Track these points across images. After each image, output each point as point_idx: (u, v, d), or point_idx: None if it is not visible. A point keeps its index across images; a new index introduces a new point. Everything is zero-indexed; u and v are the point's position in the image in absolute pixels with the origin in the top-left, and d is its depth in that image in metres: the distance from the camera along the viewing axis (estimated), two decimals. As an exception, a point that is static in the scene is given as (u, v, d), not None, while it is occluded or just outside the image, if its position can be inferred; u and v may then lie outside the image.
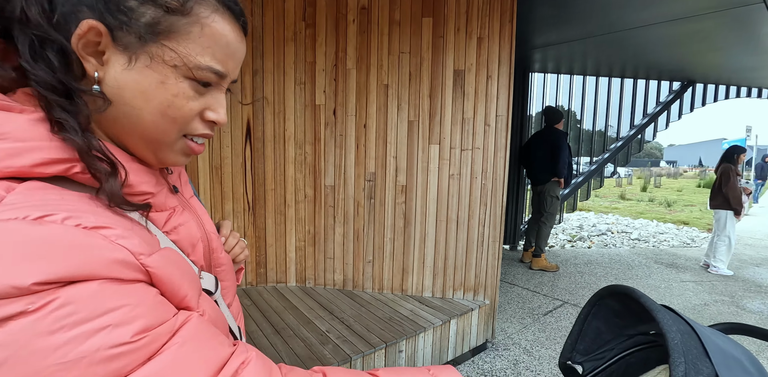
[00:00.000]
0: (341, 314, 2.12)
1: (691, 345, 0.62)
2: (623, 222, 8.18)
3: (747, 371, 0.64)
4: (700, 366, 0.60)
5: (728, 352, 0.65)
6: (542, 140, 4.16)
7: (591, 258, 4.96)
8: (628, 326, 0.95)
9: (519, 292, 3.53)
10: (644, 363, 0.94)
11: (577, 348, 0.96)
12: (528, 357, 2.41)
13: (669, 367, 0.60)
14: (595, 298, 0.91)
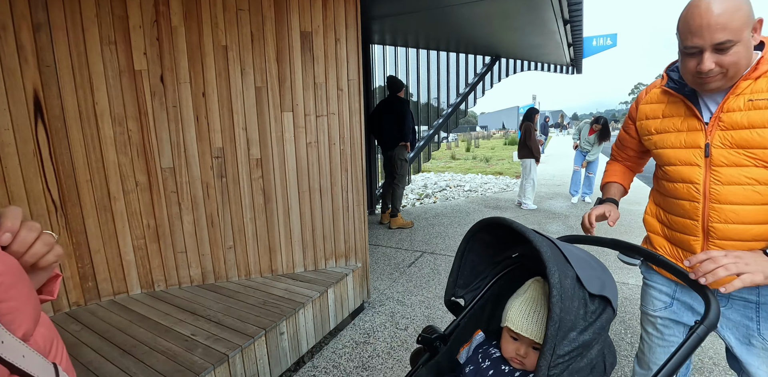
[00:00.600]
0: (206, 312, 1.89)
1: (557, 255, 0.74)
2: (457, 178, 9.48)
3: (593, 267, 0.81)
4: (566, 271, 0.73)
5: (580, 256, 0.80)
6: (388, 108, 4.39)
7: (437, 211, 5.63)
8: (497, 254, 1.07)
9: (384, 251, 3.78)
10: (512, 282, 1.08)
11: (458, 283, 1.05)
12: (402, 306, 2.63)
13: (547, 275, 0.71)
14: (469, 234, 0.99)
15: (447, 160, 15.07)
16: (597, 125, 5.89)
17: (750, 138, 0.98)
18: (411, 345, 2.15)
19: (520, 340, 0.90)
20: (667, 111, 1.15)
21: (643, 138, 1.22)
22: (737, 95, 1.00)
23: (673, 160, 1.13)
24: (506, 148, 19.85)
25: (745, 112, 0.99)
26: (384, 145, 4.53)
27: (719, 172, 1.04)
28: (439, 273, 3.23)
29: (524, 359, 0.89)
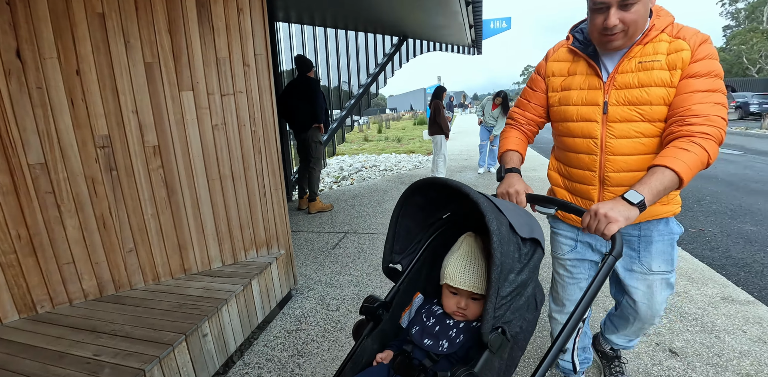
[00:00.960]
0: (110, 327, 1.64)
1: (491, 206, 0.81)
2: (372, 159, 9.59)
3: (521, 215, 0.90)
4: (501, 219, 0.80)
5: (509, 207, 0.89)
6: (298, 89, 4.19)
7: (355, 192, 5.65)
8: (430, 216, 1.11)
9: (306, 236, 3.70)
10: (445, 242, 1.13)
11: (394, 249, 1.06)
12: (331, 288, 2.62)
13: (486, 224, 0.76)
14: (402, 199, 1.01)
15: (360, 143, 15.14)
16: (498, 98, 6.37)
17: (639, 96, 1.11)
18: (345, 325, 2.16)
19: (459, 294, 0.96)
20: (572, 69, 1.25)
21: (550, 94, 1.32)
22: (630, 58, 1.13)
23: (575, 117, 1.24)
24: (416, 128, 20.57)
25: (635, 73, 1.12)
26: (296, 128, 4.36)
27: (613, 127, 1.17)
28: (364, 252, 3.27)
29: (465, 311, 0.96)
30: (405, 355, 0.97)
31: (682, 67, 1.07)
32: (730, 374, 1.77)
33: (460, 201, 1.00)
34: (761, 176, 6.82)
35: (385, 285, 2.65)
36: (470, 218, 1.08)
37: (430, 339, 0.95)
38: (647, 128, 1.14)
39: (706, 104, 1.03)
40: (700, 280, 2.73)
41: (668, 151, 1.03)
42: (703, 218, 4.57)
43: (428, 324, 0.99)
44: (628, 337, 1.57)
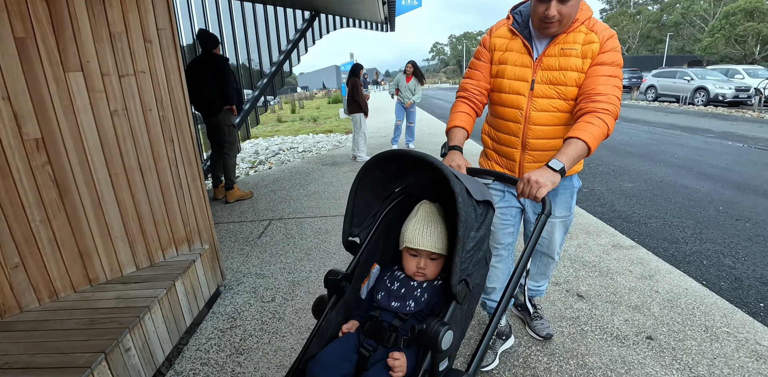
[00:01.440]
0: (1, 361, 1.37)
1: (452, 173, 0.89)
2: (288, 141, 9.23)
3: (473, 181, 1.00)
4: (461, 184, 0.89)
5: (462, 174, 1.00)
6: (203, 68, 3.79)
7: (275, 176, 5.43)
8: (386, 188, 1.17)
9: (227, 228, 3.48)
10: (399, 213, 1.20)
11: (353, 222, 1.11)
12: (262, 279, 2.52)
13: (451, 187, 0.85)
14: (361, 173, 1.06)
15: (274, 124, 14.44)
16: (409, 66, 6.39)
17: (558, 77, 1.35)
18: (284, 315, 2.11)
19: (419, 255, 1.07)
20: (510, 46, 1.44)
21: (493, 66, 1.49)
22: (555, 44, 1.35)
23: (508, 89, 1.44)
24: (331, 107, 20.16)
25: (557, 58, 1.35)
26: (205, 111, 3.98)
27: (536, 101, 1.40)
28: (293, 238, 3.18)
29: (425, 270, 1.06)
30: (374, 320, 1.04)
31: (591, 57, 1.32)
32: (623, 308, 2.10)
33: (416, 172, 1.09)
34: (633, 141, 7.99)
35: (319, 269, 2.62)
36: (424, 189, 1.17)
37: (397, 301, 1.04)
38: (561, 104, 1.39)
39: (607, 86, 1.29)
40: (594, 232, 3.15)
41: (579, 125, 1.26)
42: (593, 179, 5.25)
43: (393, 289, 1.07)
44: (536, 281, 1.84)
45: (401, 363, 0.92)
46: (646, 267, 2.56)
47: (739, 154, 6.65)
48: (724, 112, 12.55)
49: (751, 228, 3.48)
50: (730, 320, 1.97)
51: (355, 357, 0.99)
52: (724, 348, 1.76)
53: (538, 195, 1.11)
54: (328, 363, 0.96)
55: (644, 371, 1.63)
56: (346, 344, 1.01)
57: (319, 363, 0.96)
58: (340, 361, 0.97)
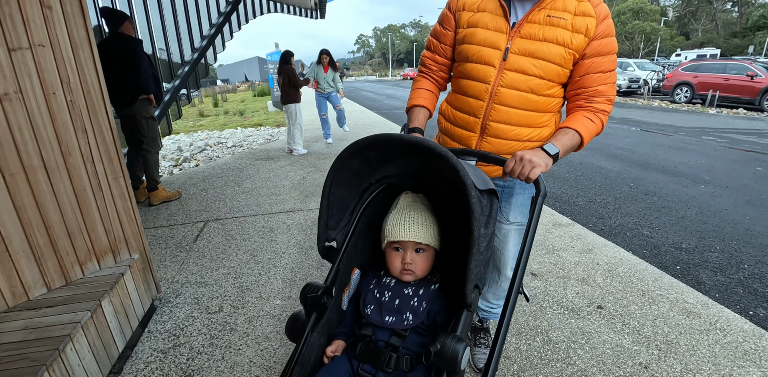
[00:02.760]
0: None
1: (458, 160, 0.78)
2: (215, 136, 8.57)
3: (471, 167, 0.90)
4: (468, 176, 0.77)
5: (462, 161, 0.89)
6: (111, 51, 3.28)
7: (205, 174, 4.99)
8: (364, 180, 1.02)
9: (155, 233, 3.11)
10: (380, 208, 1.06)
11: (329, 224, 0.96)
12: (205, 287, 2.26)
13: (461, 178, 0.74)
14: (337, 164, 0.91)
15: (196, 118, 13.37)
16: (325, 56, 6.13)
17: (540, 49, 1.12)
18: (236, 325, 1.91)
19: (403, 249, 0.94)
20: (482, 5, 1.20)
21: (458, 29, 1.26)
22: (540, 9, 1.13)
23: (476, 57, 1.20)
24: (257, 100, 19.16)
25: (542, 26, 1.13)
26: (117, 101, 3.48)
27: (507, 75, 1.16)
28: (234, 239, 2.93)
29: (412, 265, 0.93)
30: (366, 340, 0.90)
31: (585, 33, 1.12)
32: (573, 281, 2.22)
33: (402, 158, 0.95)
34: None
35: (269, 270, 2.43)
36: (407, 178, 1.03)
37: (392, 315, 0.90)
38: (537, 85, 1.17)
39: (608, 85, 1.16)
40: (533, 214, 3.32)
41: (577, 117, 1.16)
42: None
43: (385, 300, 0.93)
44: (488, 301, 1.58)
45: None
46: (584, 242, 2.74)
47: (637, 136, 7.51)
48: (621, 101, 14.12)
49: (658, 201, 3.92)
50: (661, 283, 2.18)
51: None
52: (660, 309, 1.94)
53: (531, 175, 0.99)
54: None
55: (601, 339, 1.73)
56: (336, 373, 0.86)
57: None
58: None
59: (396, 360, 0.85)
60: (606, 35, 1.13)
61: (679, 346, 1.68)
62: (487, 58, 1.18)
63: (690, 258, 2.72)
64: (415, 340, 0.89)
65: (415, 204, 0.98)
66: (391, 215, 0.97)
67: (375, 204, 1.06)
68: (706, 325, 1.81)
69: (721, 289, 2.34)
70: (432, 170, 0.94)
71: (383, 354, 0.86)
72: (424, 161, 0.90)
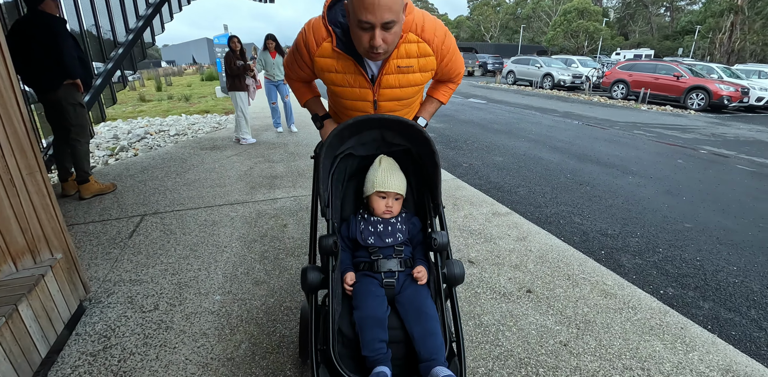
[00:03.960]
0: None
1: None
2: (156, 123, 8.08)
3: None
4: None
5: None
6: (31, 31, 2.98)
7: (143, 164, 4.72)
8: (335, 153, 1.37)
9: (85, 230, 2.91)
10: (341, 173, 1.44)
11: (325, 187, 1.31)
12: (140, 285, 2.17)
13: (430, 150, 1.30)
14: (329, 139, 1.28)
15: (136, 103, 12.47)
16: (270, 41, 5.93)
17: (401, 93, 1.42)
18: (172, 324, 1.85)
19: (387, 197, 1.34)
20: (340, 67, 1.34)
21: (324, 81, 1.44)
22: (390, 61, 1.31)
23: (350, 105, 1.47)
24: (205, 84, 18.19)
25: (396, 76, 1.35)
26: (38, 87, 3.19)
27: (383, 106, 1.46)
28: (173, 233, 2.81)
29: (392, 208, 1.35)
30: (377, 259, 1.28)
31: (432, 68, 1.39)
32: (506, 268, 2.36)
33: (359, 133, 1.36)
34: (499, 119, 8.96)
35: (210, 266, 2.37)
36: (363, 148, 1.40)
37: (389, 237, 1.31)
38: (406, 102, 1.51)
39: (461, 69, 1.53)
40: (477, 203, 3.47)
41: (439, 88, 1.60)
42: (470, 154, 5.75)
43: (380, 230, 1.32)
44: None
45: (424, 272, 1.25)
46: (520, 230, 2.91)
47: (577, 130, 7.99)
48: (565, 95, 14.88)
49: (591, 191, 4.23)
50: (585, 267, 2.38)
51: (383, 292, 1.21)
52: (582, 291, 2.12)
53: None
54: (375, 313, 1.13)
55: (528, 320, 1.86)
56: (369, 288, 1.21)
57: (368, 317, 1.12)
58: (379, 306, 1.16)
59: (404, 261, 1.29)
60: (447, 53, 1.38)
61: (595, 325, 1.85)
62: (362, 107, 1.46)
63: (614, 244, 2.97)
64: (408, 250, 1.34)
65: (394, 165, 1.39)
66: (379, 172, 1.34)
67: (338, 170, 1.41)
68: (620, 305, 2.01)
69: (638, 271, 2.59)
70: (380, 139, 1.39)
71: (396, 260, 1.28)
72: (377, 132, 1.36)
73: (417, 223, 1.40)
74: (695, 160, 5.78)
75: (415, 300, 1.18)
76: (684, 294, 2.36)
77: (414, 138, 1.34)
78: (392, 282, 1.23)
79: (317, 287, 1.20)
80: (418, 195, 1.47)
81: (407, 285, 1.23)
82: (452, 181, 4.16)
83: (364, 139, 1.37)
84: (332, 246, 1.19)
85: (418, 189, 1.47)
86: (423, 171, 1.41)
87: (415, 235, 1.38)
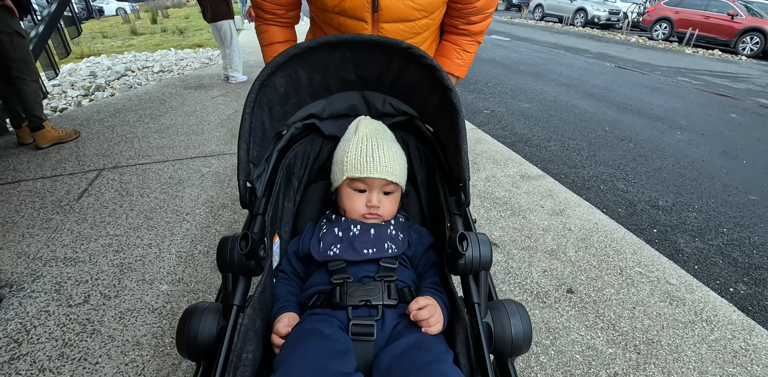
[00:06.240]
0: None
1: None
2: (142, 58, 7.28)
3: None
4: None
5: None
6: None
7: (117, 106, 4.12)
8: (284, 114, 0.83)
9: (31, 188, 2.43)
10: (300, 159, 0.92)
11: (251, 154, 0.73)
12: (74, 267, 1.72)
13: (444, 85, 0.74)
14: (263, 77, 0.72)
15: (126, 37, 11.44)
16: None
17: (407, 13, 0.93)
18: (101, 325, 1.42)
19: (368, 189, 0.80)
20: None
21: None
22: None
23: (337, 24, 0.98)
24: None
25: None
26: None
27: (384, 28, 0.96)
28: (129, 194, 2.32)
29: (379, 209, 0.80)
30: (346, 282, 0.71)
31: None
32: (540, 254, 1.86)
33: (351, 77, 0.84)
34: (525, 59, 7.93)
35: (163, 240, 1.90)
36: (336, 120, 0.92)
37: (370, 247, 0.76)
38: (416, 28, 0.99)
39: (491, 7, 1.03)
40: (501, 161, 2.87)
41: (451, 51, 1.12)
42: (492, 99, 5.01)
43: (354, 234, 0.76)
44: None
45: (433, 309, 0.66)
46: (555, 200, 2.36)
47: (614, 74, 7.02)
48: (598, 34, 13.31)
49: (634, 149, 3.58)
50: (640, 257, 1.86)
51: (348, 344, 0.62)
52: (640, 293, 1.62)
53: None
54: None
55: (570, 338, 1.39)
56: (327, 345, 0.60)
57: None
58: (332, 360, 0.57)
59: (396, 289, 0.71)
60: None
61: (660, 347, 1.37)
62: (351, 26, 0.96)
63: (667, 220, 2.42)
64: (406, 274, 0.76)
65: (381, 133, 0.83)
66: (352, 143, 0.80)
67: (294, 154, 0.91)
68: (690, 316, 1.52)
69: (701, 259, 2.07)
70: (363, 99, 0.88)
71: (379, 284, 0.70)
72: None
73: (425, 235, 0.84)
74: (751, 114, 4.97)
75: (418, 365, 0.58)
76: (759, 294, 1.85)
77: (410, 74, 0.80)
78: (370, 325, 0.66)
79: (207, 349, 0.59)
80: (429, 193, 0.91)
81: (402, 334, 0.66)
82: (471, 131, 3.51)
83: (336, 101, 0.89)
84: (246, 260, 0.62)
85: (428, 181, 0.91)
86: (435, 146, 0.86)
87: (420, 252, 0.81)
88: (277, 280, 0.79)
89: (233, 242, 0.62)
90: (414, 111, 0.90)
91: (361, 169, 0.77)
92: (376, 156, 0.78)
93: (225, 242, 0.63)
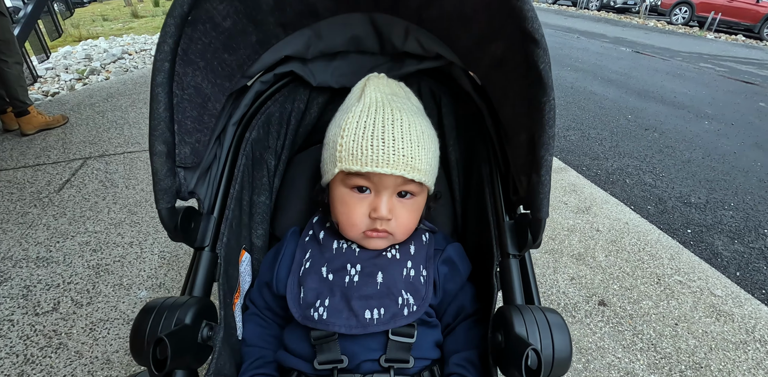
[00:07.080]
0: None
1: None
2: (141, 41, 7.04)
3: None
4: None
5: None
6: None
7: (111, 90, 3.91)
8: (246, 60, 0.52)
9: (12, 178, 2.26)
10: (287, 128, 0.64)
11: (180, 156, 0.45)
12: (45, 268, 1.55)
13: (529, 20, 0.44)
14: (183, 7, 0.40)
15: (126, 20, 11.18)
16: None
17: None
18: (69, 338, 1.25)
19: (374, 189, 0.51)
20: None
21: None
22: None
23: None
24: (204, 0, 16.26)
25: None
26: None
27: None
28: (114, 185, 2.14)
29: (389, 223, 0.51)
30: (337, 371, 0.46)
31: None
32: (566, 258, 1.66)
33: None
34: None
35: (146, 238, 1.72)
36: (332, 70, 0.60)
37: (375, 305, 0.48)
38: None
39: None
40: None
41: None
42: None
43: (353, 280, 0.49)
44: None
45: None
46: (580, 195, 2.14)
47: (632, 59, 6.68)
48: (614, 18, 12.79)
49: (660, 139, 3.33)
50: (678, 263, 1.65)
51: None
52: (682, 307, 1.42)
53: None
54: None
55: (605, 361, 1.20)
56: None
57: None
58: None
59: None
60: None
61: (710, 373, 1.18)
62: None
63: (702, 219, 2.20)
64: (429, 339, 0.52)
65: (400, 101, 0.52)
66: (352, 117, 0.51)
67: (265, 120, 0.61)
68: (741, 335, 1.32)
69: (741, 264, 1.86)
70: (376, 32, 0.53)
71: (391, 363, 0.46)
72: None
73: (460, 261, 0.57)
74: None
75: None
76: (813, 303, 1.64)
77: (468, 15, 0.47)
78: None
79: None
80: (466, 186, 0.62)
81: None
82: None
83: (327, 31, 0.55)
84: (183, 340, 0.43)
85: (466, 169, 0.62)
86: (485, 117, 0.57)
87: (452, 292, 0.55)
88: (246, 315, 0.58)
89: (151, 331, 0.40)
90: (455, 55, 0.57)
91: (362, 157, 0.48)
92: (389, 138, 0.49)
93: (141, 325, 0.41)
